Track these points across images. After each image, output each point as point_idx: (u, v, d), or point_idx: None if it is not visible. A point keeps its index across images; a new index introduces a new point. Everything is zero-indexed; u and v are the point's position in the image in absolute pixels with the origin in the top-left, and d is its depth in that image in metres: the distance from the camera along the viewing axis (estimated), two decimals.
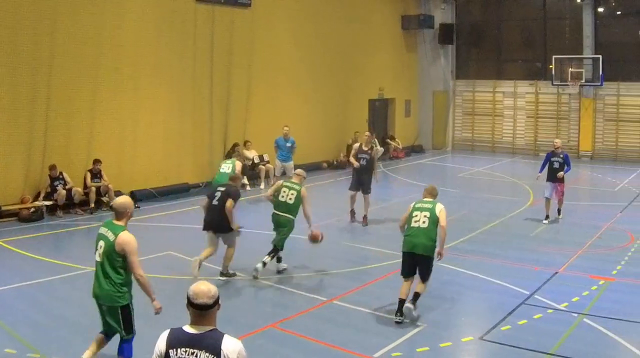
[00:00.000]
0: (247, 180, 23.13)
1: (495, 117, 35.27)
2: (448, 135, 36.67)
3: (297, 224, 13.49)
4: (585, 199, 22.05)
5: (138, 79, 21.01)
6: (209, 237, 12.94)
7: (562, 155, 18.46)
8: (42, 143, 18.64)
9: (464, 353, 9.71)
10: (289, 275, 13.24)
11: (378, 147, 30.09)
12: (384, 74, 33.44)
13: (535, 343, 9.60)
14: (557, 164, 18.33)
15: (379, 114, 34.24)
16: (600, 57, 30.32)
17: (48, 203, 18.24)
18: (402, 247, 10.95)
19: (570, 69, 30.90)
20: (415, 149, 35.17)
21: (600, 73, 30.27)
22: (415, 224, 10.78)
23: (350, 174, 18.51)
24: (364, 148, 18.07)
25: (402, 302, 10.56)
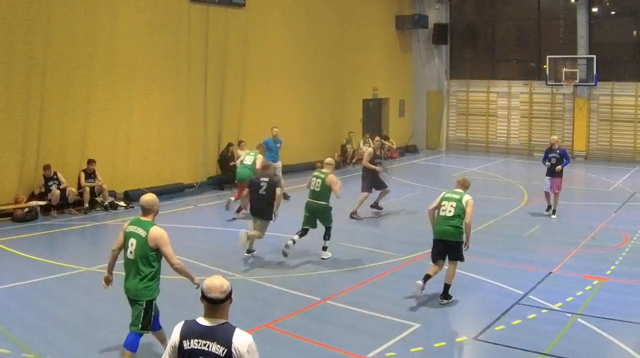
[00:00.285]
0: None
1: (489, 117, 35.31)
2: (442, 135, 36.71)
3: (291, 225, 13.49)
4: (580, 199, 22.08)
5: (132, 79, 20.98)
6: (254, 220, 14.41)
7: (559, 151, 19.04)
8: (36, 143, 18.60)
9: (458, 353, 9.73)
10: (283, 275, 13.23)
11: (372, 147, 30.31)
12: (378, 74, 33.45)
13: (529, 343, 9.60)
14: (554, 160, 18.88)
15: (373, 114, 34.24)
16: (595, 57, 30.38)
17: (42, 203, 18.18)
18: (433, 234, 11.68)
19: (564, 69, 30.96)
20: (410, 149, 35.18)
21: (595, 73, 30.32)
22: (442, 213, 11.52)
23: (354, 175, 18.99)
24: (377, 152, 19.72)
25: (427, 276, 11.39)
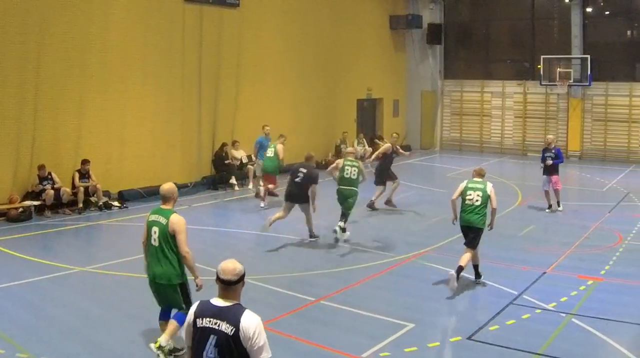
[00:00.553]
0: (235, 180, 23.13)
1: (484, 117, 35.32)
2: (436, 135, 36.71)
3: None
4: (574, 199, 22.08)
5: (126, 79, 20.94)
6: (287, 205, 15.77)
7: (554, 151, 19.94)
8: (30, 143, 18.57)
9: (452, 353, 9.73)
10: (277, 275, 13.22)
11: (366, 147, 30.35)
12: (372, 74, 33.42)
13: (524, 343, 9.61)
14: (549, 159, 19.69)
15: (367, 114, 34.24)
16: (589, 57, 30.40)
17: (36, 203, 18.16)
18: (459, 221, 12.77)
19: (559, 69, 30.97)
20: (404, 149, 35.05)
21: (589, 73, 30.34)
22: (469, 202, 12.60)
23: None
24: (394, 148, 20.54)
25: (460, 268, 12.06)
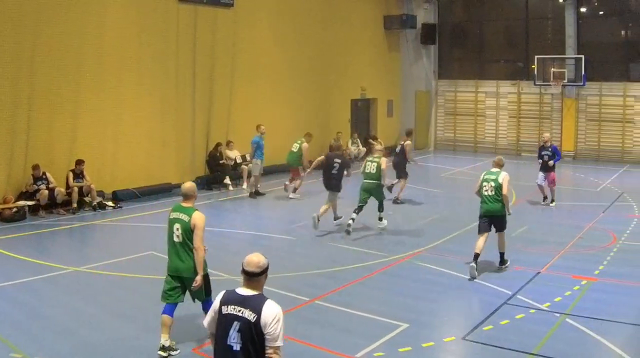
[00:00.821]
0: (229, 180, 23.12)
1: (478, 117, 35.38)
2: (430, 135, 36.73)
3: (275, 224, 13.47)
4: (568, 199, 22.11)
5: (120, 79, 20.92)
6: (329, 195, 17.32)
7: (550, 148, 20.76)
8: (24, 143, 18.54)
9: (447, 353, 9.73)
10: (271, 275, 13.01)
11: (360, 147, 30.40)
12: (366, 74, 33.43)
13: (518, 343, 9.63)
14: (546, 157, 20.59)
15: (361, 114, 34.26)
16: (583, 57, 30.42)
17: (30, 203, 18.12)
18: (479, 210, 13.66)
19: (553, 69, 30.99)
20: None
21: (583, 73, 30.38)
22: (485, 193, 13.45)
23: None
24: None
25: (476, 255, 13.05)
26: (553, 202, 20.72)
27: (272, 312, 5.65)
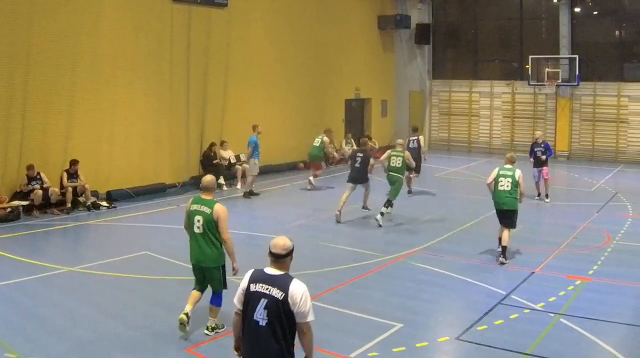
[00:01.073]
0: (223, 181, 23.08)
1: (472, 117, 35.42)
2: (424, 135, 36.63)
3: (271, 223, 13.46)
4: (562, 199, 22.13)
5: (115, 79, 20.87)
6: (350, 186, 18.32)
7: (543, 145, 21.46)
8: (18, 142, 18.48)
9: (441, 353, 9.73)
10: None
11: (354, 146, 30.36)
12: (361, 74, 33.42)
13: (512, 343, 9.63)
14: (539, 153, 21.28)
15: (356, 114, 34.25)
16: (577, 57, 30.52)
17: (24, 203, 18.07)
18: (494, 205, 14.49)
19: (547, 69, 31.08)
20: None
21: (577, 73, 30.47)
22: (501, 188, 14.23)
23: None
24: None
25: (504, 248, 14.11)
26: (547, 197, 21.12)
27: (299, 290, 5.98)
